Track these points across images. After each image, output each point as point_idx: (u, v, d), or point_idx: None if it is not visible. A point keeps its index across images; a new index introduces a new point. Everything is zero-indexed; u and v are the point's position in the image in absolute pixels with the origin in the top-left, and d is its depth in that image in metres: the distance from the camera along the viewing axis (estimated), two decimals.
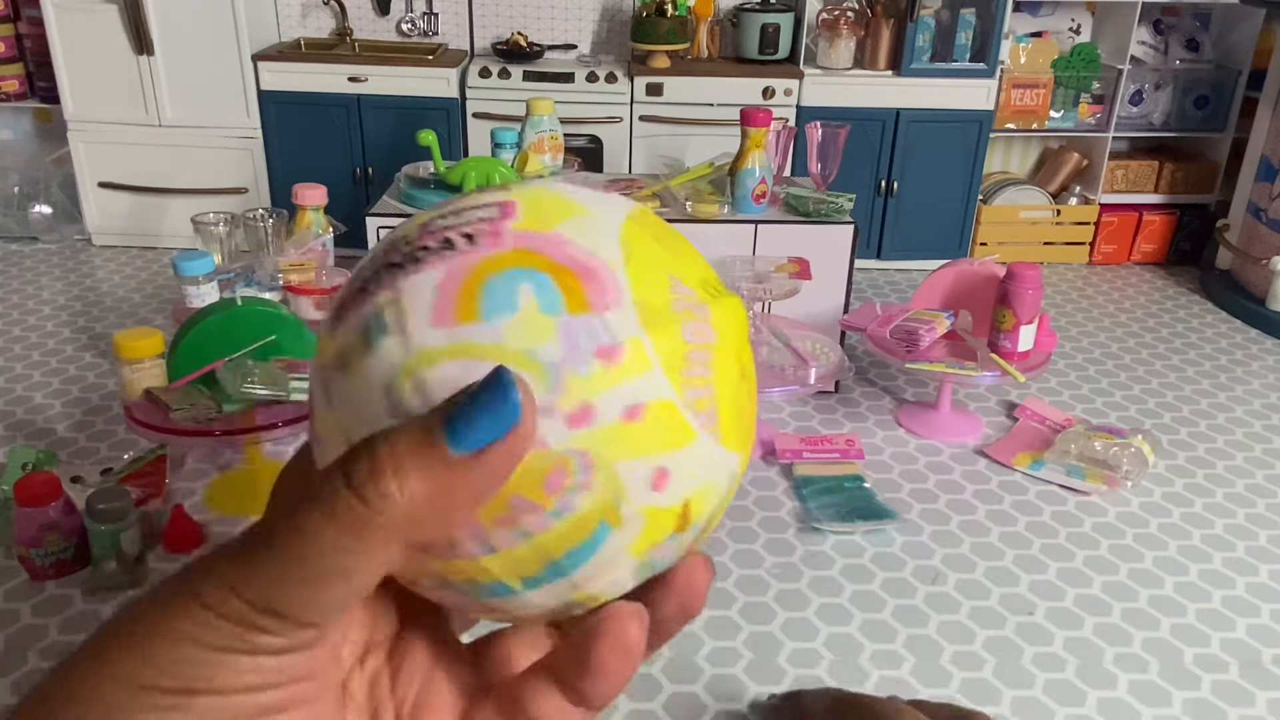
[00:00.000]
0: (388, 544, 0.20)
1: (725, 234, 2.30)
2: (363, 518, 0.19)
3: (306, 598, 0.20)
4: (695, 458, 0.24)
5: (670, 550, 0.26)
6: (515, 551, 0.23)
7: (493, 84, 3.11)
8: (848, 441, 2.19)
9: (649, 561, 0.25)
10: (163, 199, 3.26)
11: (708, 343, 0.25)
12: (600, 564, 0.24)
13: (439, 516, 0.20)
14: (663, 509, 0.24)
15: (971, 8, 3.12)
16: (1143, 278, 3.38)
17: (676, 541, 0.25)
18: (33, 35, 3.22)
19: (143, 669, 0.20)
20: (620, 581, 0.25)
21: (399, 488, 0.19)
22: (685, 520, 0.25)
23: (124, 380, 1.79)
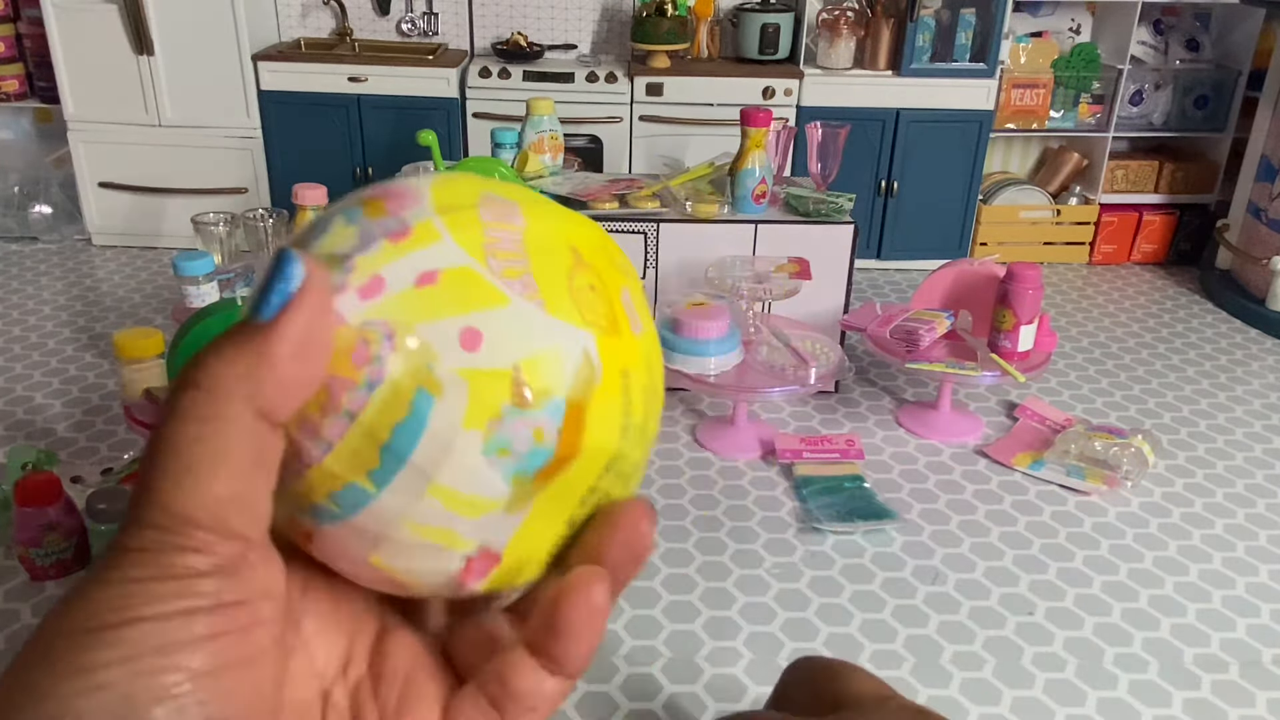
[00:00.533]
0: (232, 413, 0.21)
1: (725, 234, 2.30)
2: (198, 399, 0.21)
3: (196, 499, 0.21)
4: (511, 321, 0.24)
5: (521, 430, 0.24)
6: (348, 440, 0.23)
7: (493, 84, 3.11)
8: (848, 441, 2.19)
9: (498, 442, 0.24)
10: (163, 199, 3.26)
11: (515, 225, 0.26)
12: (436, 442, 0.23)
13: (270, 374, 0.22)
14: (485, 372, 0.24)
15: (971, 8, 3.12)
16: (1143, 278, 3.38)
17: (524, 418, 0.24)
18: (33, 35, 3.22)
19: (78, 616, 0.20)
20: (478, 473, 0.24)
21: (220, 361, 0.22)
22: (520, 389, 0.24)
23: (124, 380, 1.79)
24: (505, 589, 0.27)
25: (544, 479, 0.25)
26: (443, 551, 0.25)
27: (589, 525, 0.27)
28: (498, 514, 0.25)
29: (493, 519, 0.25)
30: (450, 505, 0.24)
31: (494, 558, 0.26)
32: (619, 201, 2.31)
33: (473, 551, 0.25)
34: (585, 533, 0.27)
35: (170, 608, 0.20)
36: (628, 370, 0.26)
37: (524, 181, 2.34)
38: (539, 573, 0.28)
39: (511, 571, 0.27)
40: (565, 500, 0.26)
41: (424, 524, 0.24)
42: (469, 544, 0.25)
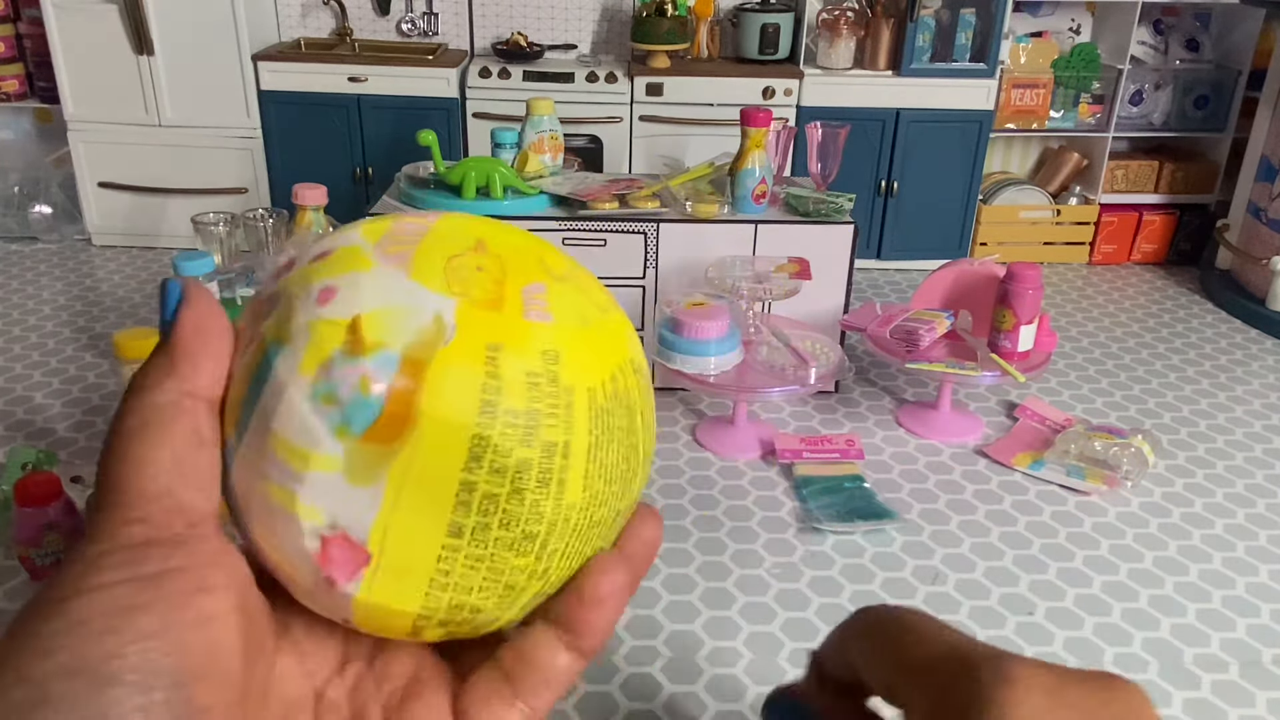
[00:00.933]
0: (163, 398, 0.24)
1: (725, 234, 2.30)
2: (137, 396, 0.25)
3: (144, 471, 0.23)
4: (368, 281, 0.25)
5: (348, 376, 0.24)
6: (230, 398, 0.26)
7: (493, 84, 3.11)
8: (848, 441, 2.19)
9: (324, 388, 0.24)
10: (163, 199, 3.26)
11: (421, 222, 0.27)
12: (274, 388, 0.24)
13: (183, 357, 0.25)
14: (326, 321, 0.25)
15: (971, 8, 3.12)
16: (1143, 278, 3.38)
17: (352, 365, 0.24)
18: (33, 35, 3.22)
19: (44, 593, 0.22)
20: (303, 418, 0.24)
21: (147, 363, 0.25)
22: (357, 337, 0.24)
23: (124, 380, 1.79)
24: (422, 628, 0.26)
25: (377, 441, 0.24)
26: (292, 521, 0.24)
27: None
28: (335, 479, 0.24)
29: (332, 485, 0.24)
30: (285, 456, 0.24)
31: (357, 549, 0.24)
32: (619, 201, 2.31)
33: (324, 528, 0.24)
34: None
35: (117, 576, 0.22)
36: (500, 346, 0.24)
37: (524, 181, 2.34)
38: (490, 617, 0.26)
39: (399, 576, 0.25)
40: (432, 492, 0.24)
41: (272, 481, 0.25)
42: (315, 514, 0.24)
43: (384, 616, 0.25)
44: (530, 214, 2.30)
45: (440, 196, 2.29)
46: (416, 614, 0.25)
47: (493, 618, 0.26)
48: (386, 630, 0.26)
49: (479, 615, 0.26)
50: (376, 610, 0.25)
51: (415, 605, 0.25)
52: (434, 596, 0.25)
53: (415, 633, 0.26)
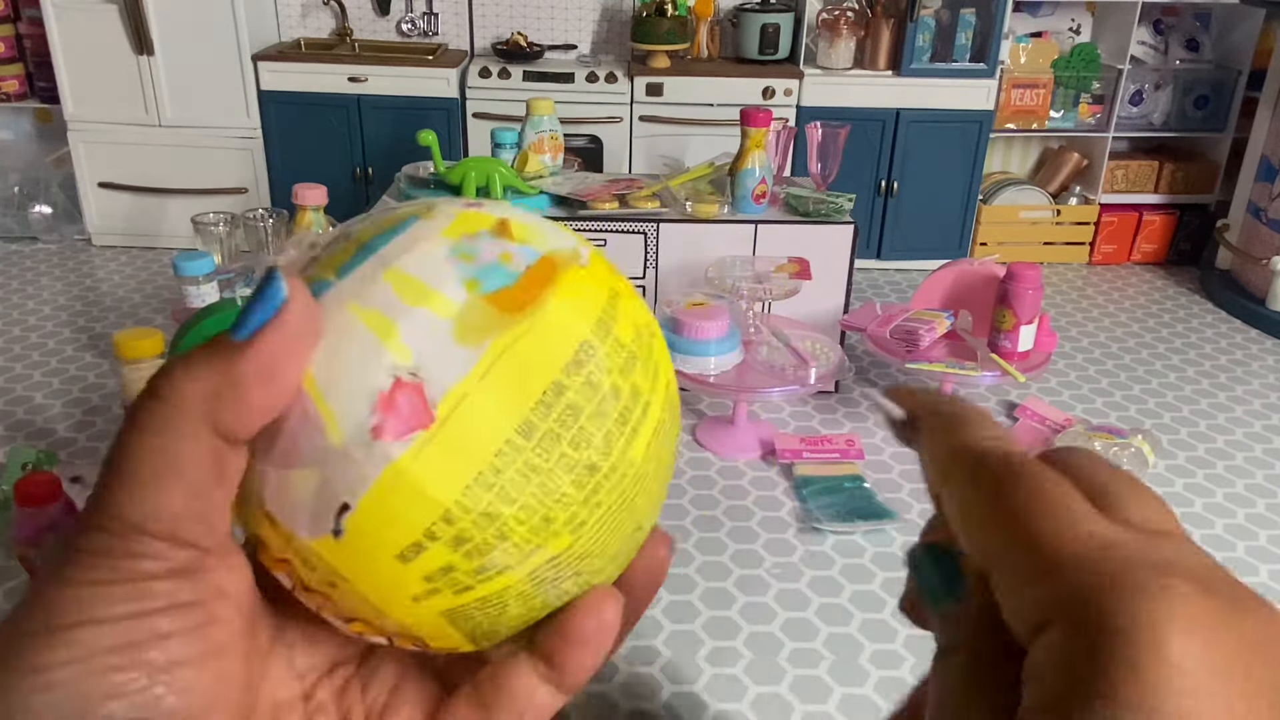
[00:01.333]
0: (191, 430, 0.21)
1: (725, 234, 2.30)
2: (157, 411, 0.21)
3: (148, 511, 0.21)
4: (516, 209, 0.27)
5: (490, 247, 0.24)
6: (335, 251, 0.25)
7: (493, 84, 3.11)
8: (848, 441, 2.19)
9: (465, 247, 0.24)
10: (163, 199, 3.26)
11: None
12: (408, 239, 0.24)
13: (233, 394, 0.21)
14: (475, 212, 0.25)
15: (971, 8, 3.12)
16: (1143, 278, 3.38)
17: (497, 242, 0.24)
18: (33, 35, 3.22)
19: (35, 619, 0.21)
20: (434, 261, 0.24)
21: (185, 375, 0.21)
22: (505, 227, 0.25)
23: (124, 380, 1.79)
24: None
25: (499, 305, 0.23)
26: (376, 351, 0.22)
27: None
28: (442, 325, 0.23)
29: (436, 330, 0.23)
30: (399, 288, 0.23)
31: (424, 406, 0.22)
32: (619, 201, 2.31)
33: (405, 368, 0.22)
34: None
35: (124, 609, 0.21)
36: (619, 295, 0.26)
37: (524, 181, 2.34)
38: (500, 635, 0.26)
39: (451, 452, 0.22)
40: (524, 378, 0.23)
41: (366, 306, 0.23)
42: (404, 352, 0.22)
43: (409, 498, 0.22)
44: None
45: (440, 196, 2.29)
46: (447, 507, 0.23)
47: (504, 564, 0.24)
48: (393, 526, 0.23)
49: (495, 550, 0.23)
50: (407, 487, 0.22)
51: (451, 494, 0.23)
52: (473, 494, 0.23)
53: (418, 547, 0.23)
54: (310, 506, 0.23)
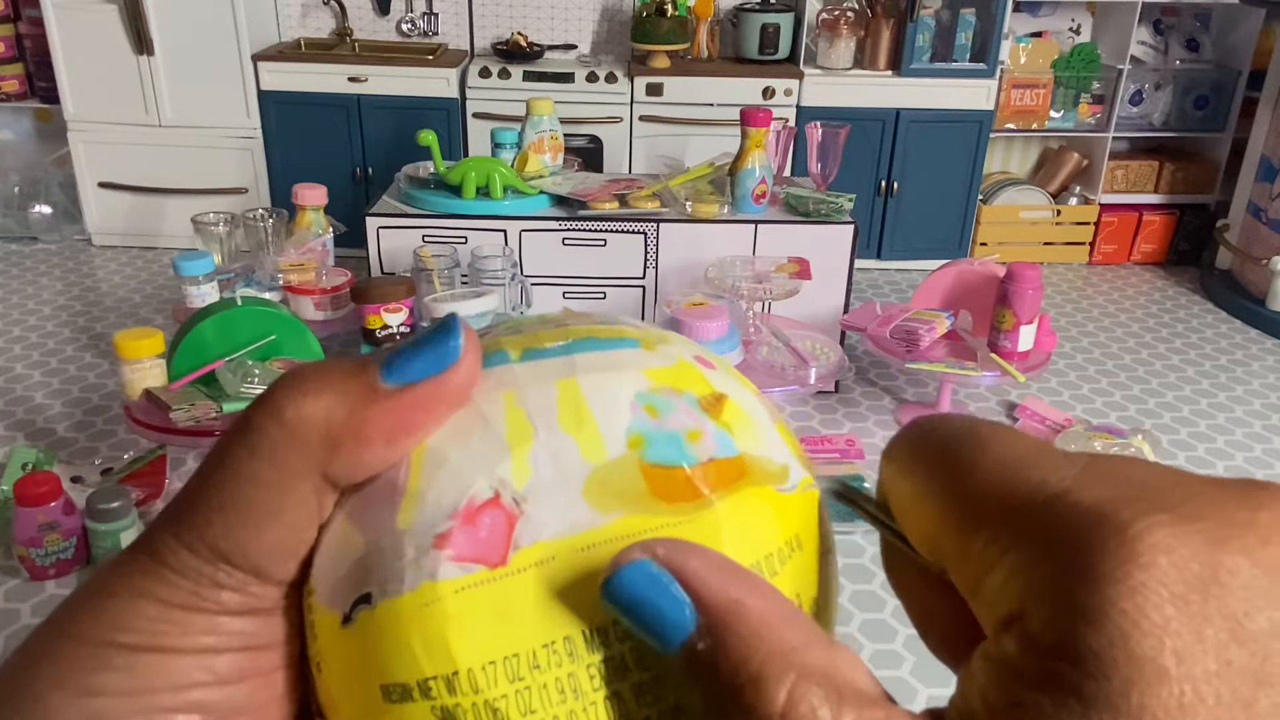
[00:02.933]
0: (304, 469, 0.19)
1: (725, 234, 2.30)
2: (276, 440, 0.19)
3: (243, 539, 0.19)
4: (745, 389, 0.23)
5: (682, 418, 0.20)
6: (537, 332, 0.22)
7: (493, 84, 3.11)
8: (848, 442, 2.19)
9: (654, 399, 0.20)
10: (163, 199, 3.26)
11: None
12: (606, 357, 0.21)
13: (357, 443, 0.19)
14: (697, 373, 0.21)
15: (971, 8, 3.12)
16: (1143, 278, 3.38)
17: (693, 416, 0.20)
18: (33, 35, 3.22)
19: (99, 626, 0.19)
20: (611, 397, 0.20)
21: (315, 404, 0.19)
22: (718, 404, 0.21)
23: (124, 380, 1.79)
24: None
25: (651, 483, 0.19)
26: (496, 450, 0.19)
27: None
28: (578, 469, 0.19)
29: (568, 470, 0.19)
30: (562, 403, 0.20)
31: (503, 543, 0.19)
32: (619, 201, 2.31)
33: (511, 491, 0.19)
34: None
35: (194, 643, 0.19)
36: (803, 545, 0.21)
37: (524, 181, 2.34)
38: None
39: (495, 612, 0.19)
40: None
41: (520, 404, 0.20)
42: (522, 472, 0.19)
43: (426, 634, 0.19)
44: (530, 214, 2.30)
45: (440, 196, 2.29)
46: (455, 671, 0.18)
47: None
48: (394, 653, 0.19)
49: None
50: (431, 620, 0.18)
51: (469, 659, 0.18)
52: (492, 675, 0.18)
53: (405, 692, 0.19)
54: (338, 574, 0.20)
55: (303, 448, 0.19)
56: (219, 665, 0.19)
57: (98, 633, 0.19)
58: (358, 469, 0.19)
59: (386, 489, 0.19)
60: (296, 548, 0.19)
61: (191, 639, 0.19)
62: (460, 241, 2.26)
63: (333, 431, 0.19)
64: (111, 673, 0.18)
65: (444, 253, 2.16)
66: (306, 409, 0.19)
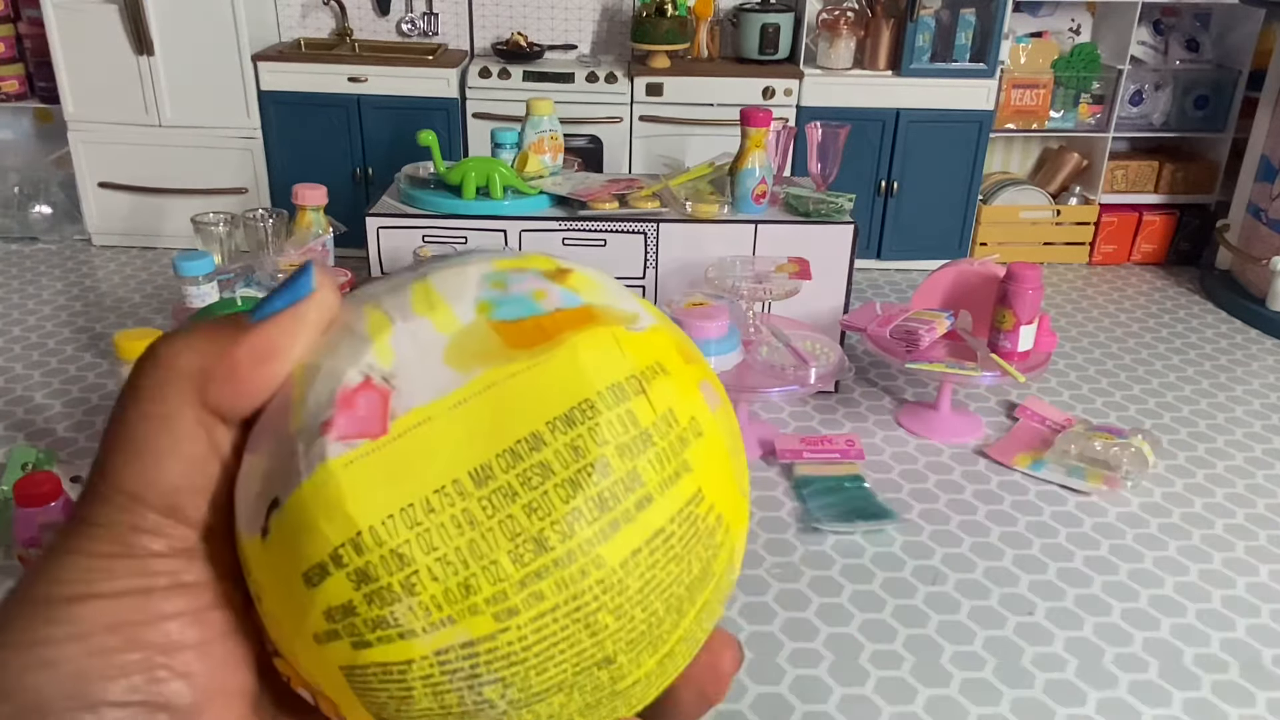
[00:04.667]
0: (183, 400, 0.21)
1: (725, 234, 2.30)
2: (155, 379, 0.21)
3: (146, 482, 0.21)
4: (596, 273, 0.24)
5: (526, 284, 0.22)
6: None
7: (493, 84, 3.11)
8: (848, 441, 2.19)
9: (500, 276, 0.22)
10: (163, 199, 3.26)
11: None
12: (464, 260, 0.23)
13: (228, 370, 0.21)
14: (547, 259, 0.23)
15: (971, 8, 3.12)
16: (1143, 278, 3.38)
17: (537, 282, 0.22)
18: (33, 35, 3.22)
19: (37, 584, 0.20)
20: (461, 281, 0.22)
21: (185, 345, 0.21)
22: (562, 272, 0.23)
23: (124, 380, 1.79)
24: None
25: (504, 337, 0.21)
26: (361, 345, 0.21)
27: None
28: (436, 340, 0.21)
29: (428, 343, 0.21)
30: (416, 297, 0.22)
31: (381, 417, 0.20)
32: (619, 201, 2.31)
33: (379, 371, 0.21)
34: None
35: (125, 584, 0.20)
36: (668, 374, 0.22)
37: (524, 181, 2.34)
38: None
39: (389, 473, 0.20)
40: (500, 420, 0.20)
41: (379, 308, 0.22)
42: (387, 354, 0.21)
43: (328, 509, 0.20)
44: (530, 214, 2.30)
45: (440, 197, 2.29)
46: (359, 531, 0.20)
47: (408, 625, 0.20)
48: (307, 537, 0.20)
49: (399, 603, 0.20)
50: (330, 494, 0.20)
51: (369, 518, 0.20)
52: (392, 526, 0.20)
53: (323, 570, 0.20)
54: (252, 499, 0.21)
55: (178, 380, 0.21)
56: (151, 605, 0.20)
57: (36, 591, 0.20)
58: (236, 396, 0.21)
59: (276, 410, 0.21)
60: (200, 484, 0.21)
61: (119, 582, 0.20)
62: (460, 241, 2.26)
63: (204, 362, 0.21)
64: (54, 625, 0.19)
65: (444, 253, 2.16)
66: (178, 350, 0.21)
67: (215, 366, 0.21)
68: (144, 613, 0.20)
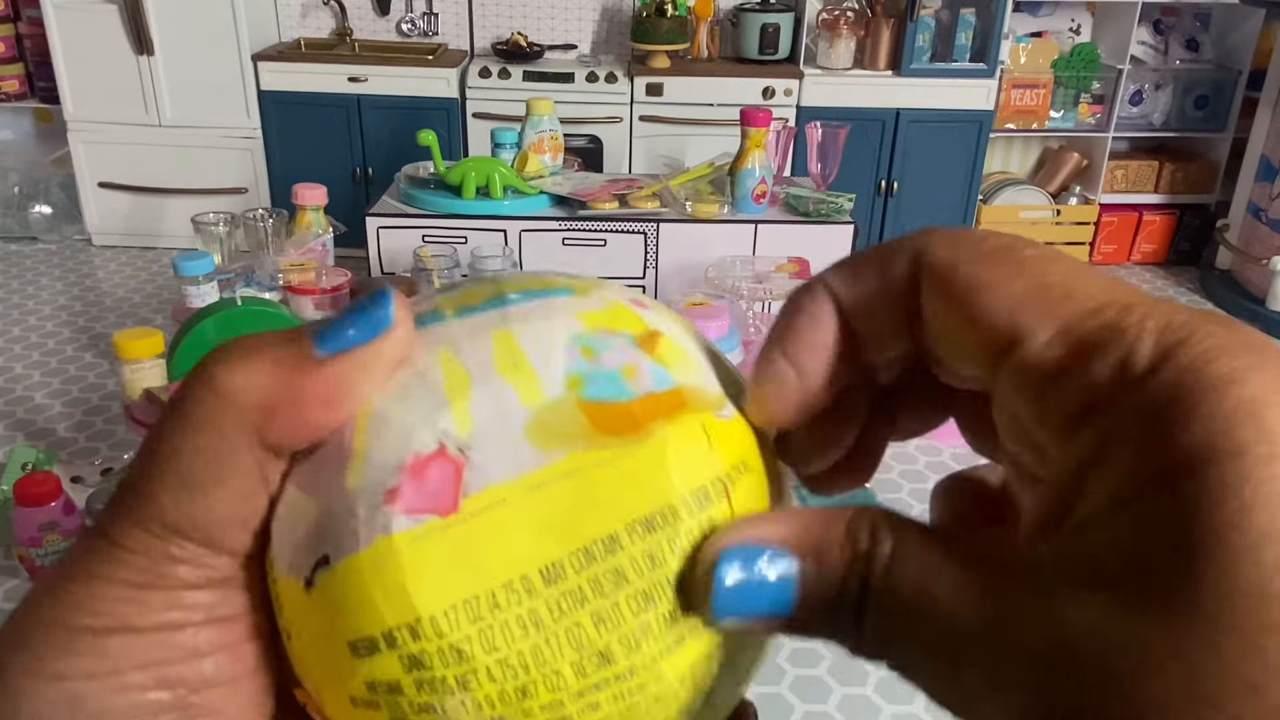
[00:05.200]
0: (242, 436, 0.19)
1: (725, 234, 2.30)
2: (212, 409, 0.19)
3: (191, 511, 0.19)
4: (686, 333, 0.23)
5: (617, 355, 0.21)
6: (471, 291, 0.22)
7: (493, 84, 3.11)
8: None
9: (590, 340, 0.21)
10: (163, 199, 3.26)
11: None
12: (545, 309, 0.21)
13: (293, 409, 0.19)
14: (631, 313, 0.22)
15: (971, 8, 3.12)
16: (1143, 278, 3.38)
17: (629, 353, 0.21)
18: (33, 35, 3.22)
19: (62, 611, 0.19)
20: (548, 341, 0.20)
21: (245, 374, 0.19)
22: (652, 340, 0.21)
23: (124, 380, 1.79)
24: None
25: (593, 420, 0.20)
26: (438, 403, 0.20)
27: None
28: (519, 413, 0.20)
29: (510, 415, 0.20)
30: (499, 351, 0.20)
31: (453, 491, 0.19)
32: (619, 201, 2.31)
33: (455, 440, 0.19)
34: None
35: (159, 619, 0.19)
36: (750, 470, 0.21)
37: (524, 181, 2.34)
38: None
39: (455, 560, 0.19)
40: (577, 515, 0.19)
41: (457, 357, 0.20)
42: (465, 420, 0.19)
43: (386, 586, 0.19)
44: (530, 214, 2.30)
45: (440, 197, 2.29)
46: (418, 618, 0.19)
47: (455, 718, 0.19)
48: (358, 607, 0.19)
49: (451, 696, 0.19)
50: (390, 572, 0.19)
51: (430, 606, 0.19)
52: (454, 618, 0.19)
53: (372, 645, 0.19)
54: (296, 541, 0.20)
55: (238, 415, 0.19)
56: (184, 640, 0.19)
57: (61, 617, 0.19)
58: (297, 435, 0.19)
59: (334, 453, 0.20)
60: (246, 517, 0.20)
61: (153, 616, 0.19)
62: (460, 241, 2.26)
63: (267, 398, 0.19)
64: (79, 656, 0.18)
65: (444, 253, 2.16)
66: (240, 377, 0.19)
67: (279, 401, 0.19)
68: (177, 650, 0.19)
